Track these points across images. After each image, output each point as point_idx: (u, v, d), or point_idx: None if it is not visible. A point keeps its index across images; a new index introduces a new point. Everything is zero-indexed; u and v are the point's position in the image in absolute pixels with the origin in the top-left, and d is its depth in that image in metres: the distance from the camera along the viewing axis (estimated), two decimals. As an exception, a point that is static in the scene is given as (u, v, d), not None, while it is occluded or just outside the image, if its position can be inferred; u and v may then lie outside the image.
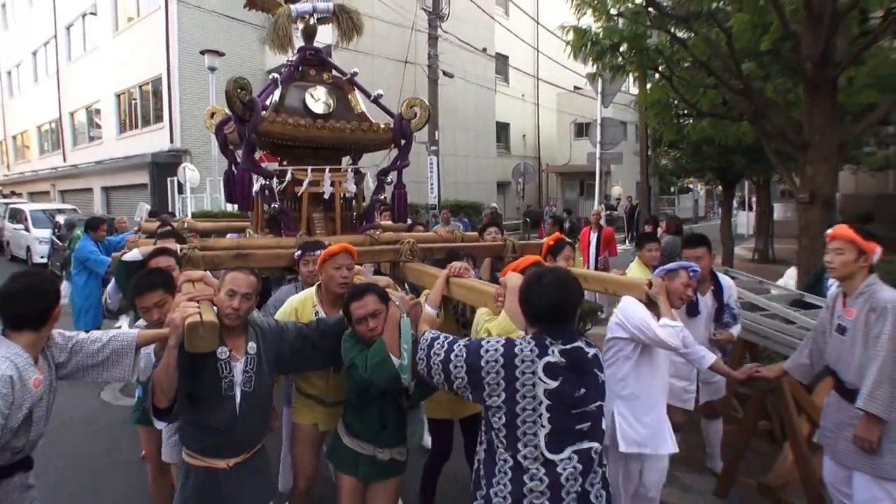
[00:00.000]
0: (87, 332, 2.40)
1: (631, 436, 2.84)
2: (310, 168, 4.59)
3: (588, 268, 8.57)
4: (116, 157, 20.58)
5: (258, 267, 3.92)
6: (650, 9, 5.79)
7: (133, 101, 20.88)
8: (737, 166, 10.59)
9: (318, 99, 4.73)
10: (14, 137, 32.53)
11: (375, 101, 5.25)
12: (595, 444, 2.02)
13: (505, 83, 27.01)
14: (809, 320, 3.99)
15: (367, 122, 4.90)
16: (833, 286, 3.08)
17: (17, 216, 16.94)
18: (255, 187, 4.69)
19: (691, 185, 28.25)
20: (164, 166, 17.39)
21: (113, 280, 4.19)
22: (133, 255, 3.40)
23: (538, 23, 20.73)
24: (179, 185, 15.34)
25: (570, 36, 6.33)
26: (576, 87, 27.26)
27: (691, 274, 3.00)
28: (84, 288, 6.77)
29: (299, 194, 4.59)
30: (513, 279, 2.55)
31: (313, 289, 3.11)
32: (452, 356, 2.10)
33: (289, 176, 4.56)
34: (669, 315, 2.73)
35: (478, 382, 2.02)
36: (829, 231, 2.86)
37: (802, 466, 3.31)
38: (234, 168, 4.90)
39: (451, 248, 4.05)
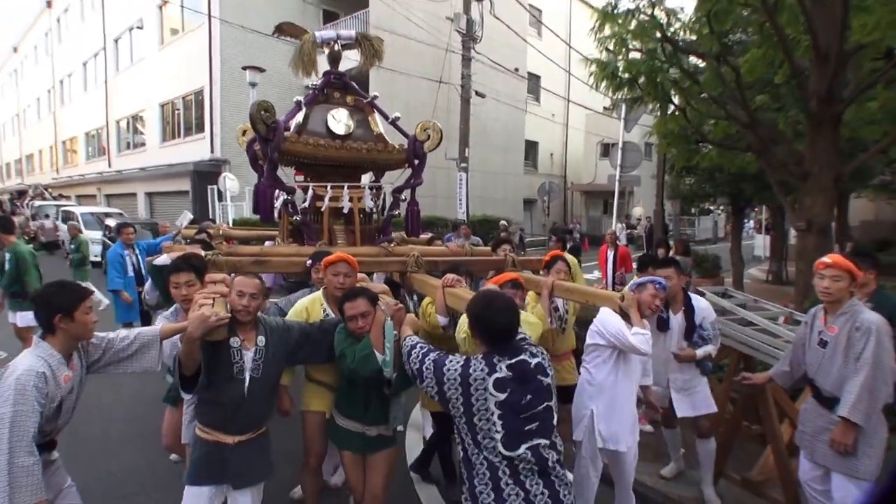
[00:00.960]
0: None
1: (608, 434, 3.28)
2: (329, 185, 4.92)
3: (606, 283, 8.91)
4: (160, 165, 21.29)
5: (279, 272, 4.66)
6: (666, 44, 6.11)
7: (176, 111, 21.59)
8: (747, 192, 11.00)
9: (339, 120, 5.05)
10: (63, 143, 33.84)
11: (393, 123, 5.53)
12: (543, 441, 2.32)
13: (536, 102, 27.43)
14: (791, 334, 4.30)
15: (383, 142, 5.24)
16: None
17: (69, 218, 17.87)
18: (279, 201, 5.04)
19: (712, 208, 28.23)
20: (205, 174, 18.10)
21: (150, 279, 4.81)
22: (163, 259, 3.94)
23: (570, 46, 21.10)
24: (219, 193, 15.99)
25: (593, 68, 6.66)
26: (605, 108, 27.54)
27: (658, 287, 3.35)
28: (122, 279, 7.15)
29: (321, 209, 4.93)
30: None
31: (321, 291, 3.54)
32: (424, 368, 2.46)
33: (310, 192, 4.89)
34: (640, 324, 3.12)
35: (442, 394, 2.37)
36: (825, 259, 3.15)
37: (781, 465, 3.66)
38: (259, 183, 5.19)
39: (451, 261, 4.42)
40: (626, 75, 6.37)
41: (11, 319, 6.38)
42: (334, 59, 5.41)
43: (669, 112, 7.06)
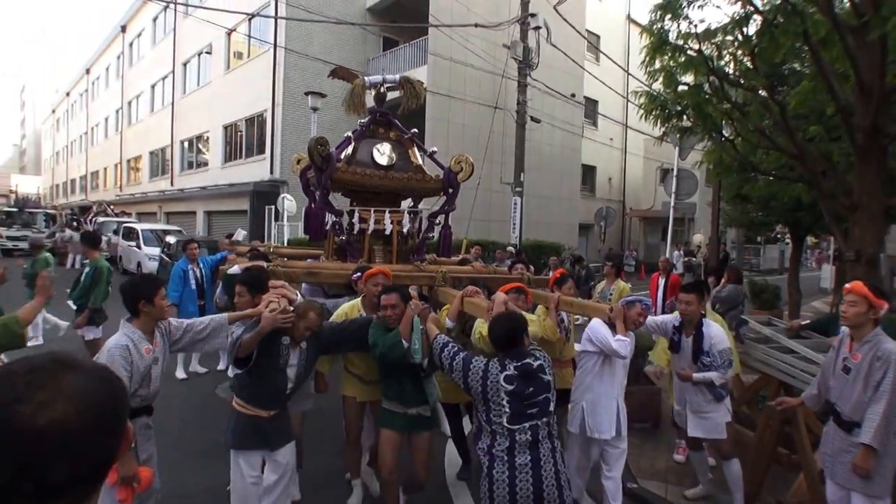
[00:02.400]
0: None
1: (594, 425, 3.96)
2: (373, 209, 5.60)
3: (655, 312, 8.69)
4: (220, 184, 21.92)
5: (325, 283, 5.36)
6: (712, 78, 6.10)
7: (238, 133, 22.23)
8: (804, 222, 10.75)
9: (383, 153, 5.79)
10: (128, 161, 35.13)
11: (430, 156, 6.29)
12: (540, 421, 3.04)
13: (594, 127, 27.25)
14: (815, 354, 4.54)
15: (421, 173, 5.96)
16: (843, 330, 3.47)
17: (130, 234, 18.46)
18: (328, 223, 5.73)
19: (779, 237, 27.36)
20: (263, 195, 18.53)
21: (220, 285, 5.66)
22: (234, 269, 4.66)
23: (627, 72, 20.89)
24: (276, 212, 16.39)
25: (643, 100, 6.68)
26: (658, 138, 27.07)
27: (643, 306, 3.97)
28: (178, 293, 7.46)
29: (365, 230, 5.62)
30: (499, 296, 3.70)
31: (360, 298, 4.25)
32: (454, 364, 3.22)
33: (356, 215, 5.64)
34: (622, 332, 3.80)
35: (466, 384, 3.15)
36: (847, 285, 3.35)
37: (813, 489, 3.79)
38: (312, 205, 5.92)
39: (472, 277, 5.09)
40: (676, 107, 6.37)
41: (80, 332, 6.68)
42: (380, 99, 6.17)
43: (720, 142, 7.04)
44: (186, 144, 27.03)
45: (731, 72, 6.55)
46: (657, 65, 6.11)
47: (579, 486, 4.26)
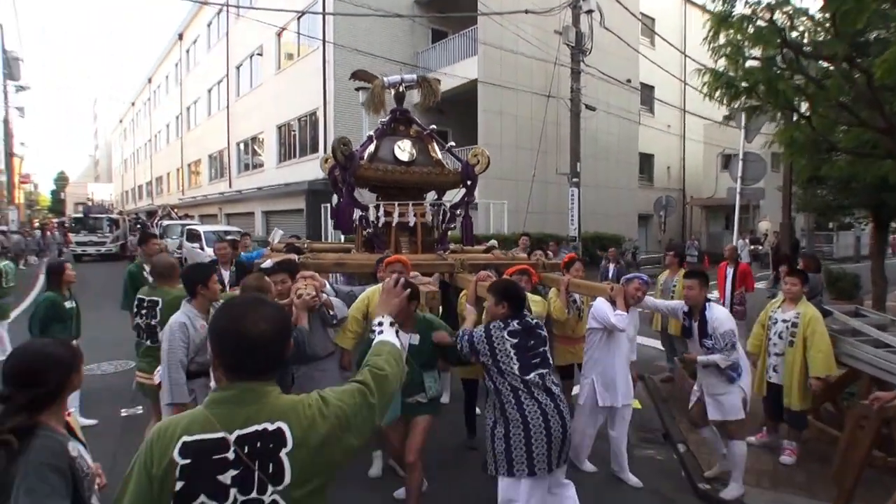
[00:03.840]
0: None
1: (603, 394, 4.48)
2: (397, 203, 5.90)
3: (723, 302, 8.21)
4: (276, 184, 22.15)
5: (352, 272, 5.77)
6: (787, 50, 5.55)
7: (292, 132, 22.40)
8: (890, 204, 9.64)
9: (403, 149, 6.09)
10: (189, 165, 36.09)
11: (449, 150, 6.59)
12: (545, 370, 3.41)
13: (650, 113, 26.39)
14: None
15: (441, 167, 6.27)
16: None
17: (193, 236, 18.95)
18: (355, 217, 6.07)
19: (853, 222, 25.79)
20: (318, 193, 18.61)
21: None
22: (267, 263, 4.74)
23: (684, 54, 20.03)
24: (332, 210, 16.38)
25: (707, 78, 6.22)
26: (725, 118, 25.93)
27: (640, 282, 4.42)
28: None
29: (390, 223, 5.90)
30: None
31: (381, 284, 4.19)
32: (463, 343, 3.50)
33: (381, 209, 5.93)
34: (622, 308, 4.27)
35: (473, 348, 3.44)
36: None
37: None
38: (340, 202, 6.29)
39: (488, 263, 5.38)
40: (744, 84, 5.85)
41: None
42: (399, 98, 6.40)
43: (794, 120, 6.44)
44: (242, 146, 27.48)
45: (804, 43, 6.01)
46: (721, 40, 5.68)
47: (586, 449, 4.76)
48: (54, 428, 1.88)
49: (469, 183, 6.27)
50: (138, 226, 30.23)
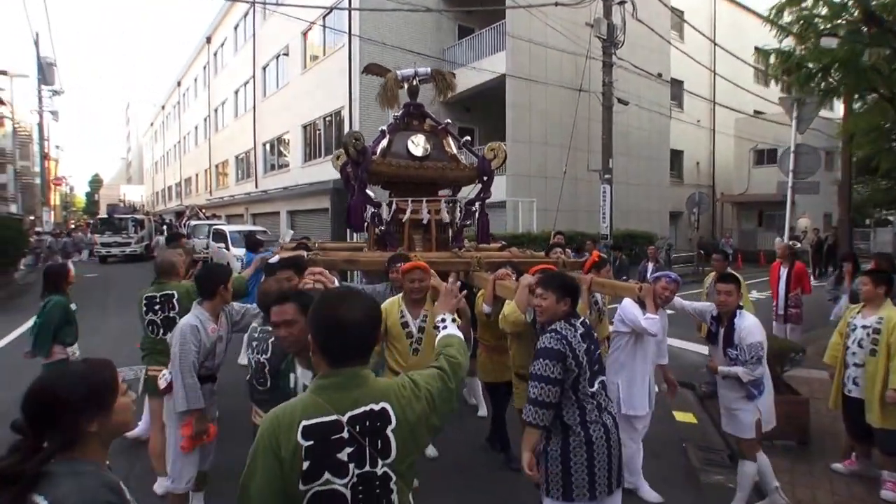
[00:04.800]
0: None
1: (629, 402, 4.13)
2: (410, 199, 5.71)
3: (777, 304, 7.67)
4: (301, 184, 22.06)
5: (363, 270, 5.63)
6: (867, 26, 5.05)
7: (317, 132, 22.29)
8: None
9: (417, 144, 5.88)
10: (216, 166, 36.32)
11: (464, 145, 6.38)
12: (603, 377, 2.99)
13: (679, 108, 25.75)
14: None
15: (456, 162, 6.07)
16: None
17: (219, 236, 18.95)
18: (368, 214, 5.87)
19: (891, 218, 25.04)
20: (343, 192, 18.30)
21: (262, 274, 5.70)
22: (274, 259, 4.60)
23: (715, 43, 19.43)
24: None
25: (773, 59, 5.72)
26: (756, 112, 25.20)
27: (668, 280, 4.04)
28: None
29: (403, 220, 5.72)
30: (524, 279, 3.67)
31: (400, 295, 4.08)
32: (544, 371, 2.81)
33: (394, 206, 5.72)
34: (652, 310, 3.86)
35: (567, 370, 2.81)
36: None
37: None
38: (351, 199, 6.06)
39: (506, 262, 5.02)
40: (817, 64, 5.35)
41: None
42: (412, 92, 6.21)
43: (867, 104, 5.94)
44: (268, 146, 27.52)
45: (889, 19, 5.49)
46: (786, 17, 5.20)
47: (638, 466, 4.38)
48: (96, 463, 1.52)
49: (486, 178, 6.06)
50: (164, 226, 30.43)
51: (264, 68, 27.06)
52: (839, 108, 20.28)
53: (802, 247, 21.27)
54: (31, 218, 35.96)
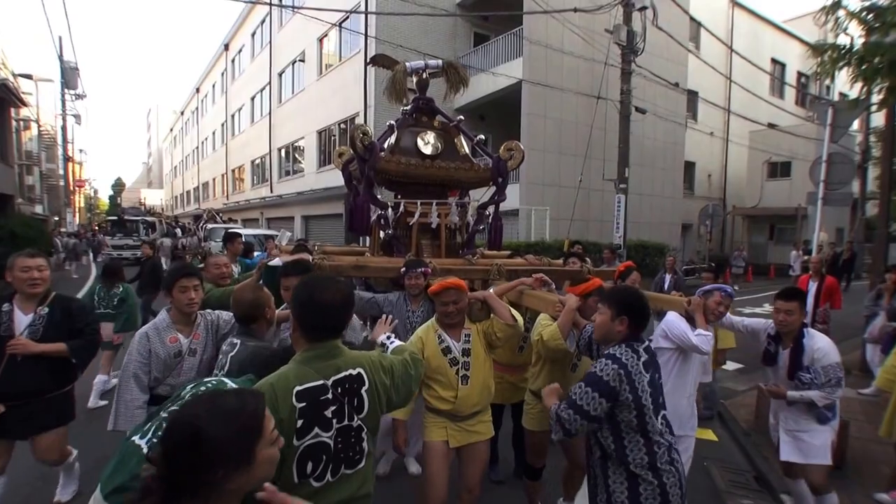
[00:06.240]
0: None
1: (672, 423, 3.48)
2: (419, 201, 5.29)
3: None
4: (316, 189, 22.09)
5: (372, 277, 5.08)
6: None
7: (332, 138, 22.33)
8: None
9: (427, 142, 5.46)
10: (233, 171, 36.60)
11: (477, 145, 5.86)
12: (664, 411, 2.60)
13: (693, 120, 25.55)
14: None
15: (469, 162, 5.60)
16: None
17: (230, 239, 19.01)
18: (373, 217, 5.45)
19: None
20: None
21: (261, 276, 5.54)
22: (275, 261, 4.41)
23: (732, 49, 19.21)
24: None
25: (827, 55, 5.45)
26: (770, 125, 24.94)
27: (723, 295, 3.62)
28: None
29: (410, 224, 5.30)
30: (571, 301, 3.26)
31: (433, 319, 3.47)
32: (586, 405, 2.47)
33: (401, 208, 5.31)
34: (703, 326, 3.46)
35: (615, 402, 2.48)
36: None
37: None
38: (355, 200, 5.60)
39: (529, 270, 4.64)
40: (885, 58, 5.03)
41: None
42: (422, 86, 5.77)
43: None
44: (283, 152, 27.64)
45: None
46: (840, 13, 4.90)
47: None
48: None
49: (500, 180, 5.54)
50: (177, 229, 30.53)
51: (280, 74, 27.22)
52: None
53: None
54: (56, 219, 36.47)
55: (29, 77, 33.49)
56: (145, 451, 1.78)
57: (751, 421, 6.02)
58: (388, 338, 2.71)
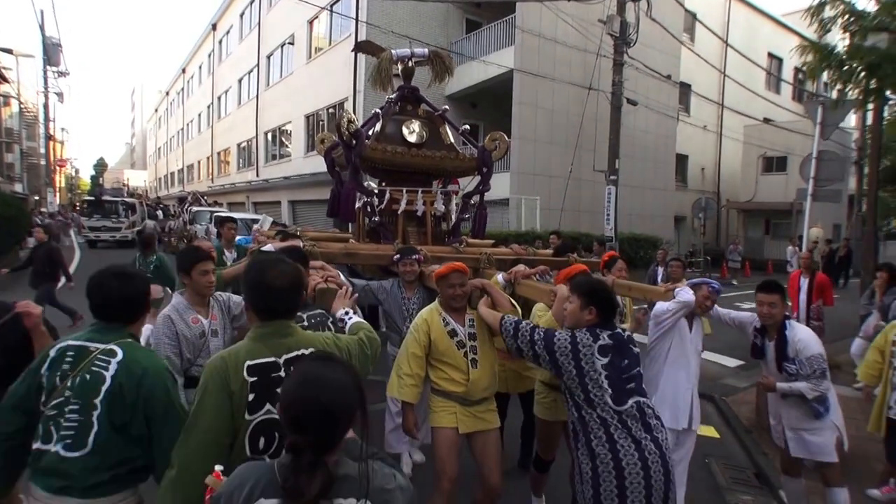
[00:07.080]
0: None
1: (665, 415, 3.47)
2: (405, 189, 5.40)
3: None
4: (303, 174, 21.82)
5: (361, 264, 5.15)
6: None
7: (320, 122, 22.06)
8: None
9: (412, 131, 5.53)
10: (218, 154, 36.17)
11: (462, 134, 6.05)
12: (641, 398, 2.68)
13: (686, 113, 25.45)
14: None
15: (454, 152, 5.72)
16: None
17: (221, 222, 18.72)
18: (358, 204, 5.55)
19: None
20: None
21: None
22: (267, 247, 4.17)
23: (727, 43, 19.13)
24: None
25: (810, 57, 5.44)
26: (765, 119, 24.94)
27: (710, 289, 3.74)
28: None
29: (397, 211, 5.41)
30: (562, 290, 3.22)
31: (436, 302, 3.49)
32: (535, 340, 2.80)
33: (387, 195, 5.41)
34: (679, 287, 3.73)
35: (554, 362, 2.72)
36: None
37: None
38: (338, 187, 5.72)
39: (517, 259, 4.84)
40: (862, 61, 5.06)
41: None
42: (407, 74, 5.87)
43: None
44: (270, 136, 27.33)
45: None
46: (828, 12, 4.88)
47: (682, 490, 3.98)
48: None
49: (485, 170, 5.68)
50: (158, 211, 29.83)
51: (268, 57, 26.84)
52: (850, 117, 20.00)
53: (814, 258, 21.02)
54: (36, 198, 35.79)
55: (9, 52, 32.59)
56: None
57: (752, 418, 6.01)
58: (346, 313, 2.61)
